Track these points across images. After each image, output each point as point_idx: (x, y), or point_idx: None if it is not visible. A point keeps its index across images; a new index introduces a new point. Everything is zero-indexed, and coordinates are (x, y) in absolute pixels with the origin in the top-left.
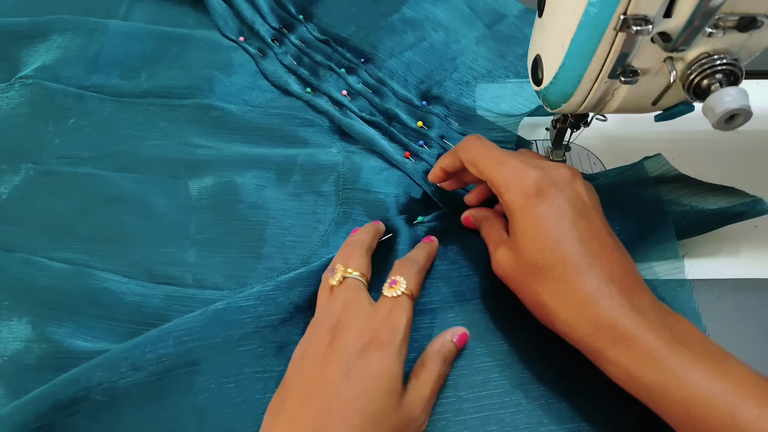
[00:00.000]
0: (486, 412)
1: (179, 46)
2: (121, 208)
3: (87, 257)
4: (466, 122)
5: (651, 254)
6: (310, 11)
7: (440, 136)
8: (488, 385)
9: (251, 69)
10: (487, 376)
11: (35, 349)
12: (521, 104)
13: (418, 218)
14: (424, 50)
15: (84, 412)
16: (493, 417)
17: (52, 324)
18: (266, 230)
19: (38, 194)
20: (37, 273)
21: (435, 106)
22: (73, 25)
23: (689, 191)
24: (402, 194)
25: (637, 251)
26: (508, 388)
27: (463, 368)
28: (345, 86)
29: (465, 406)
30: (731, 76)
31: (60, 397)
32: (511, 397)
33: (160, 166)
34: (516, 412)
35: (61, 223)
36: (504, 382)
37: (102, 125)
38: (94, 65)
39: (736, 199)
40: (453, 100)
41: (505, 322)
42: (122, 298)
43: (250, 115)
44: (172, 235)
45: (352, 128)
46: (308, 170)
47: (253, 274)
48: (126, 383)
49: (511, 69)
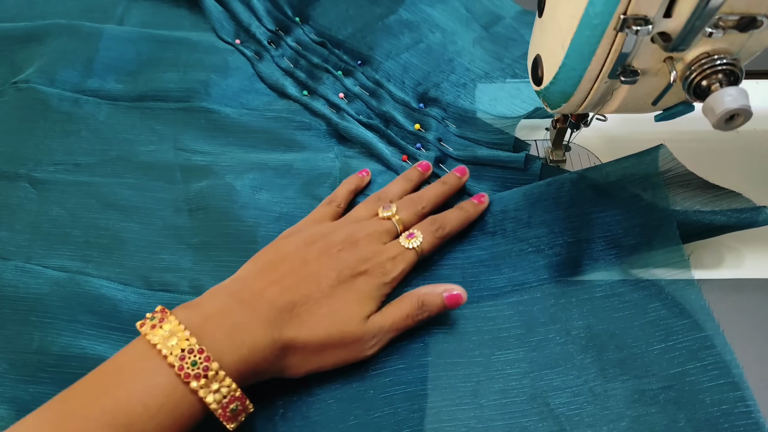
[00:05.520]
0: (509, 420)
1: (175, 49)
2: (117, 214)
3: (82, 264)
4: (463, 124)
5: (656, 258)
6: (306, 13)
7: (437, 139)
8: (509, 393)
9: (248, 72)
10: (506, 383)
11: (32, 359)
12: (518, 106)
13: None
14: (421, 52)
15: None
16: (516, 426)
17: (50, 333)
18: (259, 231)
19: (33, 201)
20: (31, 281)
21: (432, 109)
22: (69, 30)
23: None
24: None
25: (641, 255)
26: (528, 396)
27: (481, 375)
28: (342, 89)
29: (486, 414)
30: (731, 76)
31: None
32: (532, 405)
33: (156, 171)
34: (539, 420)
35: (55, 230)
36: (525, 390)
37: (98, 129)
38: (90, 69)
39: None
40: (450, 103)
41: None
42: (119, 306)
43: (246, 118)
44: (168, 241)
45: (349, 131)
46: (305, 175)
47: None
48: None
49: (508, 71)
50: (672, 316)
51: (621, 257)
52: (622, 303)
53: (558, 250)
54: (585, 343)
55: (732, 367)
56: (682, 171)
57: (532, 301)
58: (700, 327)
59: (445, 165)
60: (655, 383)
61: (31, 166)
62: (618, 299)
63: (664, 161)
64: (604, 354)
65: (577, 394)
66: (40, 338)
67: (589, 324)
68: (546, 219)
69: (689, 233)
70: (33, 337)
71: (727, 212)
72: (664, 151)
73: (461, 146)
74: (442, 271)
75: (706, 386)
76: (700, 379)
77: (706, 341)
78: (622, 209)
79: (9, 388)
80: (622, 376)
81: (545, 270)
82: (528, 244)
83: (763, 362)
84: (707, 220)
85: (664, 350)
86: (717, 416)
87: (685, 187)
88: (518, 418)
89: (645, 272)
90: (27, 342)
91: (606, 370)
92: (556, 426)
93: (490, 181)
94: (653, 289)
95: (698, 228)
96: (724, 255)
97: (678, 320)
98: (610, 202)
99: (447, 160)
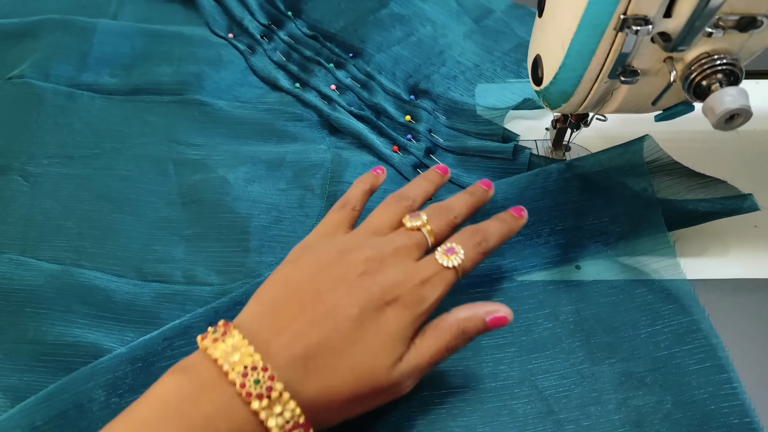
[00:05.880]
0: (497, 403)
1: (168, 43)
2: (110, 206)
3: (76, 256)
4: (453, 116)
5: (642, 245)
6: (298, 7)
7: (428, 130)
8: (498, 377)
9: (240, 65)
10: (495, 367)
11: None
12: (507, 98)
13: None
14: (412, 45)
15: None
16: (505, 408)
17: (45, 324)
18: (252, 222)
19: (26, 194)
20: (26, 273)
21: (423, 100)
22: (63, 25)
23: (679, 181)
24: (389, 188)
25: (628, 242)
26: (517, 379)
27: (470, 360)
28: (334, 81)
29: (475, 397)
30: (731, 76)
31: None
32: (521, 388)
33: (149, 163)
34: (527, 402)
35: (49, 222)
36: (513, 374)
37: (91, 122)
38: (84, 63)
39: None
40: (440, 94)
41: None
42: (112, 296)
43: (239, 110)
44: (161, 232)
45: (341, 122)
46: (297, 166)
47: (242, 269)
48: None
49: (498, 63)
50: (658, 301)
51: (608, 244)
52: (609, 288)
53: (546, 238)
54: (573, 327)
55: (718, 350)
56: (668, 161)
57: (520, 287)
58: (686, 311)
59: (435, 155)
60: (642, 366)
61: (24, 160)
62: (605, 285)
63: (650, 151)
64: (592, 338)
65: (565, 376)
66: (34, 329)
67: (577, 309)
68: (534, 207)
69: (675, 220)
70: (27, 327)
71: (713, 199)
72: (650, 142)
73: (451, 137)
74: None
75: (693, 369)
76: (686, 362)
77: (692, 325)
78: (609, 197)
79: (4, 377)
80: (609, 359)
81: (533, 257)
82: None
83: (763, 362)
84: (693, 207)
85: (650, 334)
86: (703, 398)
87: (671, 176)
88: (507, 401)
89: (631, 259)
90: (21, 332)
91: (594, 354)
92: (545, 408)
93: (479, 172)
94: (640, 275)
95: (684, 215)
96: (724, 255)
97: (664, 305)
98: (597, 190)
99: (437, 150)
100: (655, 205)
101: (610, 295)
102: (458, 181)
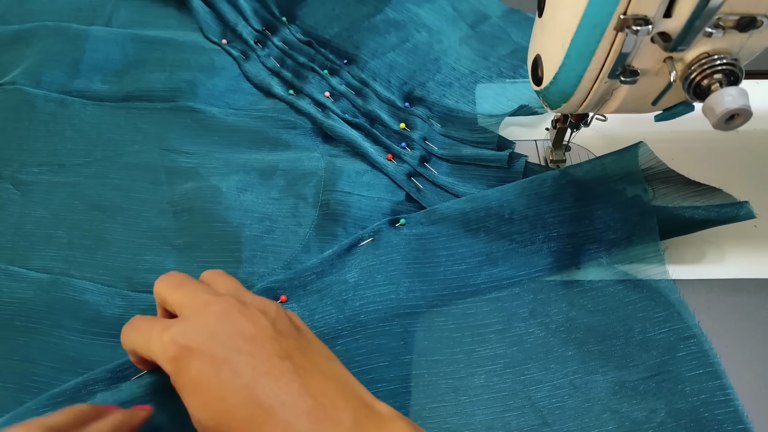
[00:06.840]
0: (490, 415)
1: (161, 50)
2: (101, 215)
3: (65, 265)
4: (448, 123)
5: (634, 253)
6: (293, 13)
7: (422, 138)
8: (490, 388)
9: (234, 72)
10: (487, 379)
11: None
12: (503, 104)
13: (401, 220)
14: (407, 51)
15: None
16: (498, 420)
17: (35, 340)
18: (244, 231)
19: (16, 202)
20: (15, 284)
21: (417, 108)
22: (55, 31)
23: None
24: (383, 197)
25: (621, 250)
26: (510, 391)
27: (462, 371)
28: (328, 87)
29: (467, 410)
30: (731, 76)
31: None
32: (514, 399)
33: (141, 172)
34: (520, 414)
35: (39, 231)
36: (506, 385)
37: (83, 129)
38: (76, 70)
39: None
40: (435, 102)
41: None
42: (102, 310)
43: (232, 118)
44: (152, 242)
45: (335, 130)
46: (290, 175)
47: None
48: None
49: (494, 69)
50: (650, 309)
51: (601, 252)
52: (601, 297)
53: (539, 245)
54: (565, 336)
55: (711, 356)
56: (663, 168)
57: (511, 296)
58: (678, 319)
59: (429, 163)
60: (636, 374)
61: (15, 167)
62: (597, 293)
63: (645, 159)
64: (584, 347)
65: (558, 387)
66: (25, 344)
67: (569, 318)
68: (528, 215)
69: (672, 229)
70: (18, 342)
71: (709, 207)
72: (645, 149)
73: (446, 145)
74: (425, 269)
75: (686, 376)
76: (679, 369)
77: (684, 332)
78: (603, 205)
79: None
80: (602, 368)
81: (525, 266)
82: (510, 240)
83: (763, 362)
84: (689, 215)
85: (643, 342)
86: (697, 405)
87: (666, 183)
88: (500, 413)
89: (624, 267)
90: (12, 347)
91: (587, 363)
92: (538, 419)
93: (474, 180)
94: (631, 283)
95: (681, 223)
96: (724, 255)
97: (656, 313)
98: (591, 198)
99: (431, 158)
100: (650, 213)
101: (602, 304)
102: (453, 189)
